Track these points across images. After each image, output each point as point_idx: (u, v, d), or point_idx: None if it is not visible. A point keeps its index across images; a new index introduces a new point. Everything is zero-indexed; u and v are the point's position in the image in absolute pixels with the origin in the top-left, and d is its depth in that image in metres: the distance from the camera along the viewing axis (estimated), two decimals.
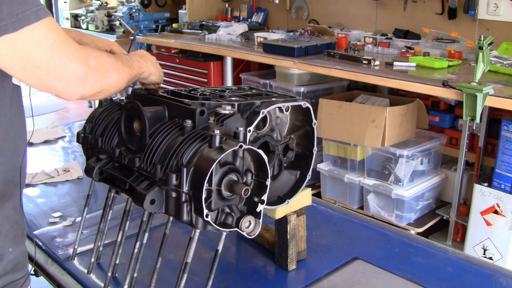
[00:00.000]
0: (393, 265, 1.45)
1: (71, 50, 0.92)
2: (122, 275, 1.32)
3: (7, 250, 1.03)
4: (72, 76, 0.92)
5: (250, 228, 1.12)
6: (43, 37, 0.88)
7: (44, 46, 0.88)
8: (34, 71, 0.88)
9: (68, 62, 0.91)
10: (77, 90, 0.94)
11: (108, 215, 1.36)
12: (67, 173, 2.09)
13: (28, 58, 0.87)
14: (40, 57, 0.88)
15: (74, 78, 0.93)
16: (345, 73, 2.92)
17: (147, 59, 1.24)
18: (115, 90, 1.06)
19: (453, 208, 2.78)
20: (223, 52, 3.69)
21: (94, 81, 0.97)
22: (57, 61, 0.90)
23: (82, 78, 0.94)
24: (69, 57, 0.91)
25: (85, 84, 0.95)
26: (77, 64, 0.93)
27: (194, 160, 1.04)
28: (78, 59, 0.93)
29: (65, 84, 0.92)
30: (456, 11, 3.30)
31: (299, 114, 1.38)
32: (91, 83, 0.96)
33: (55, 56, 0.89)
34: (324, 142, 3.24)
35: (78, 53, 0.93)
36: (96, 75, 0.97)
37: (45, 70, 0.89)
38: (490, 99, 2.31)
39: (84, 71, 0.94)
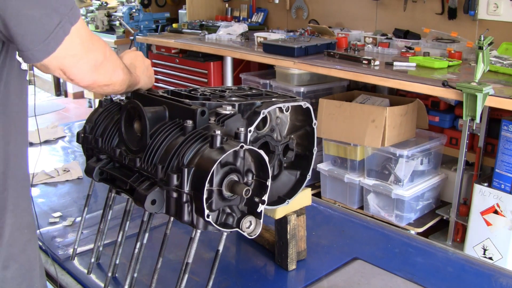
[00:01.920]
0: (393, 265, 1.45)
1: (94, 39, 0.98)
2: (122, 275, 1.32)
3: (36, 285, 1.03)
4: (92, 63, 0.98)
5: (250, 228, 1.12)
6: (79, 29, 0.92)
7: (81, 38, 0.93)
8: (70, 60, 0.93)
9: (93, 49, 0.97)
10: (92, 77, 0.99)
11: (108, 215, 1.36)
12: (67, 173, 2.09)
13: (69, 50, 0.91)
14: (77, 47, 0.93)
15: (93, 66, 0.98)
16: (345, 73, 2.92)
17: (141, 74, 1.27)
18: (118, 89, 1.10)
19: (453, 208, 2.78)
20: (223, 52, 3.69)
21: (106, 71, 1.02)
22: (87, 49, 0.95)
23: (98, 66, 0.99)
24: (95, 45, 0.97)
25: (99, 71, 1.00)
26: (99, 52, 0.99)
27: (195, 160, 1.04)
28: (100, 48, 0.99)
29: (86, 71, 0.97)
30: (456, 11, 3.30)
31: (299, 114, 1.38)
32: (103, 72, 1.01)
33: (86, 44, 0.95)
34: (324, 142, 3.24)
35: (99, 41, 1.00)
36: (108, 66, 1.03)
37: (78, 58, 0.94)
38: (490, 99, 2.31)
39: (102, 59, 1.00)
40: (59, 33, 0.87)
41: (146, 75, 1.28)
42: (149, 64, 1.32)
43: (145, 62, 1.30)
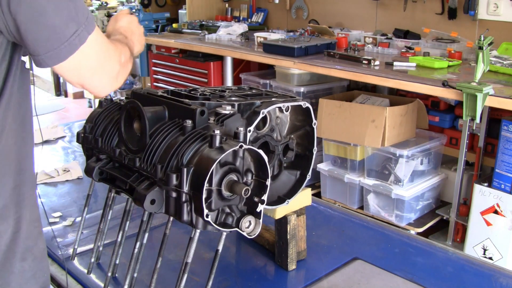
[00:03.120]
0: (393, 265, 1.45)
1: (111, 51, 0.97)
2: (122, 275, 1.32)
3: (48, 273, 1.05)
4: (109, 74, 0.98)
5: (250, 228, 1.12)
6: (95, 40, 0.92)
7: (96, 49, 0.93)
8: (85, 72, 0.93)
9: (109, 60, 0.96)
10: (110, 87, 1.00)
11: (108, 215, 1.36)
12: (67, 173, 2.09)
13: (84, 62, 0.91)
14: (93, 59, 0.93)
15: (111, 77, 0.98)
16: (345, 73, 2.92)
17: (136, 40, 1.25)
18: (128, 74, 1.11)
19: (453, 208, 2.78)
20: (223, 52, 3.69)
21: (122, 77, 1.03)
22: (103, 61, 0.95)
23: (115, 76, 0.99)
24: (110, 56, 0.97)
25: (117, 80, 1.00)
26: (114, 63, 0.98)
27: (195, 160, 1.04)
28: (115, 58, 0.99)
29: (105, 83, 0.98)
30: (456, 11, 3.30)
31: (299, 114, 1.38)
32: (120, 78, 1.02)
33: (101, 56, 0.94)
34: (324, 142, 3.24)
35: (115, 52, 0.99)
36: (123, 71, 1.02)
37: (92, 71, 0.94)
38: (490, 99, 2.31)
39: (118, 69, 1.00)
40: (74, 42, 0.87)
41: (139, 41, 1.28)
42: (142, 32, 1.32)
43: (139, 28, 1.29)
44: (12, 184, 0.95)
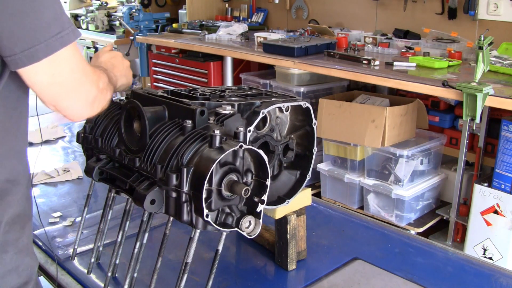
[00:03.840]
0: (393, 265, 1.45)
1: (88, 72, 0.94)
2: (122, 275, 1.32)
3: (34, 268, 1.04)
4: (85, 98, 0.94)
5: (250, 228, 1.12)
6: (72, 55, 0.89)
7: (72, 65, 0.89)
8: (58, 88, 0.89)
9: (85, 83, 0.93)
10: (85, 112, 0.96)
11: (108, 215, 1.36)
12: (67, 173, 2.09)
13: (58, 75, 0.88)
14: (66, 75, 0.89)
15: (86, 101, 0.94)
16: (345, 73, 2.92)
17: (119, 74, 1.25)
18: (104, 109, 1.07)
19: (453, 208, 2.78)
20: (223, 52, 3.69)
21: (99, 103, 0.99)
22: (78, 81, 0.91)
23: (92, 100, 0.96)
24: (87, 78, 0.93)
25: (93, 106, 0.97)
26: (91, 86, 0.95)
27: (194, 160, 1.04)
28: (92, 81, 0.95)
29: (78, 106, 0.94)
30: (456, 11, 3.30)
31: (299, 114, 1.38)
32: (96, 105, 0.98)
33: (77, 75, 0.91)
34: (324, 142, 3.24)
35: (92, 75, 0.96)
36: (101, 98, 0.99)
37: (66, 89, 0.90)
38: (490, 99, 2.31)
39: (95, 93, 0.96)
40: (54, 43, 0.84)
41: (124, 75, 1.27)
42: (128, 65, 1.31)
43: (124, 63, 1.29)
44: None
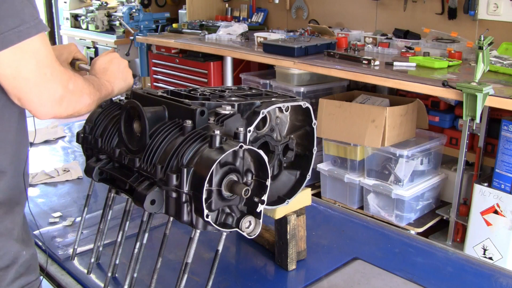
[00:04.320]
0: (393, 265, 1.45)
1: (56, 70, 0.94)
2: (122, 275, 1.32)
3: (21, 253, 1.04)
4: (50, 96, 0.95)
5: (250, 228, 1.12)
6: (38, 49, 0.89)
7: (38, 59, 0.90)
8: (22, 82, 0.90)
9: (51, 80, 0.93)
10: (51, 110, 0.97)
11: (108, 215, 1.36)
12: (67, 173, 2.09)
13: (22, 68, 0.88)
14: (31, 69, 0.89)
15: (52, 98, 0.95)
16: (345, 73, 2.92)
17: (113, 79, 1.26)
18: (85, 112, 1.10)
19: (453, 208, 2.78)
20: (223, 52, 3.69)
21: (69, 104, 1.00)
22: (43, 77, 0.92)
23: (58, 99, 0.96)
24: (53, 75, 0.94)
25: (60, 105, 0.98)
26: (57, 84, 0.95)
27: (195, 160, 1.04)
28: (61, 80, 0.96)
29: (43, 103, 0.95)
30: (456, 11, 3.30)
31: (299, 114, 1.38)
32: (65, 105, 0.99)
33: (43, 71, 0.91)
34: (324, 142, 3.24)
35: (61, 74, 0.96)
36: (71, 98, 1.00)
37: (31, 83, 0.91)
38: (490, 99, 2.31)
39: (62, 93, 0.96)
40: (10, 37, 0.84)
41: (121, 78, 1.28)
42: (125, 66, 1.31)
43: (120, 65, 1.29)
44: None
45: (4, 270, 1.00)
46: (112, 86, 1.25)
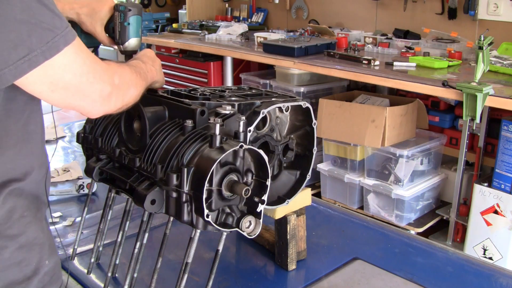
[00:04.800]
0: (393, 265, 1.45)
1: (98, 71, 0.93)
2: (122, 275, 1.32)
3: (43, 262, 1.02)
4: (98, 95, 0.93)
5: (250, 228, 1.12)
6: (72, 61, 0.88)
7: (73, 70, 0.88)
8: (62, 93, 0.89)
9: (95, 83, 0.92)
10: (101, 108, 0.96)
11: (108, 215, 1.36)
12: (67, 173, 2.09)
13: (58, 82, 0.87)
14: (69, 80, 0.88)
15: (99, 98, 0.94)
16: (345, 73, 2.92)
17: (157, 66, 1.24)
18: (132, 103, 1.07)
19: (453, 208, 2.78)
20: (223, 52, 3.69)
21: (117, 98, 0.98)
22: (85, 83, 0.90)
23: (106, 96, 0.95)
24: (96, 78, 0.92)
25: (109, 102, 0.96)
26: (103, 84, 0.94)
27: (195, 160, 1.04)
28: (104, 79, 0.94)
29: (91, 103, 0.94)
30: (456, 11, 3.30)
31: (299, 114, 1.38)
32: (114, 101, 0.97)
33: (84, 78, 0.90)
34: (324, 142, 3.24)
35: (104, 73, 0.94)
36: (119, 93, 0.98)
37: (73, 91, 0.90)
38: (490, 99, 2.31)
39: (109, 90, 0.95)
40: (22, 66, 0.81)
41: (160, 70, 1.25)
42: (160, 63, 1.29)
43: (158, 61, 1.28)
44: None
45: (26, 281, 0.98)
46: (157, 74, 1.22)
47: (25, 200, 0.98)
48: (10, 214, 0.94)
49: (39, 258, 1.00)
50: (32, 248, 0.99)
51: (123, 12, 1.22)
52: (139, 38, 1.28)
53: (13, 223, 0.95)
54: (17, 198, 0.96)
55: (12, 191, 0.94)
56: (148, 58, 1.22)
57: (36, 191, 1.03)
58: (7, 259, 0.95)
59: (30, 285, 0.98)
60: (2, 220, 0.93)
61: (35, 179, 1.01)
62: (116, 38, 1.25)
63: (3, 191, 0.93)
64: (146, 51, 1.26)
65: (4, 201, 0.93)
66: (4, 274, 0.94)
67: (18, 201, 0.96)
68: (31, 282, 0.98)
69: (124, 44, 1.25)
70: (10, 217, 0.94)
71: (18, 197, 0.96)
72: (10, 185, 0.94)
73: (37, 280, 0.99)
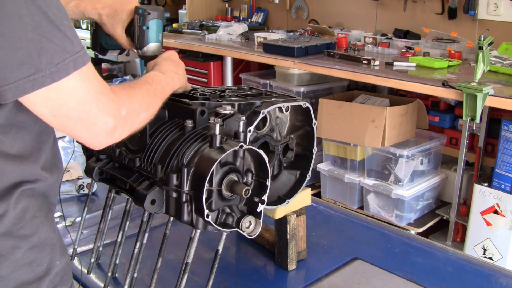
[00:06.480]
0: (393, 265, 1.45)
1: (103, 102, 0.88)
2: (122, 275, 1.32)
3: (55, 263, 1.01)
4: (101, 129, 0.89)
5: (250, 228, 1.12)
6: (78, 87, 0.84)
7: (77, 97, 0.84)
8: (64, 120, 0.86)
9: (98, 115, 0.87)
10: (104, 141, 0.92)
11: (108, 215, 1.36)
12: (67, 173, 2.09)
13: (60, 107, 0.84)
14: (72, 107, 0.84)
15: (103, 131, 0.89)
16: (345, 73, 2.92)
17: (180, 70, 1.19)
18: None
19: (453, 208, 2.78)
20: (223, 52, 3.69)
21: (123, 130, 0.94)
22: (88, 113, 0.86)
23: (110, 130, 0.90)
24: (100, 110, 0.87)
25: (114, 135, 0.92)
26: (107, 117, 0.89)
27: (195, 160, 1.04)
28: (109, 112, 0.89)
29: (93, 136, 0.90)
30: (456, 11, 3.30)
31: (299, 114, 1.38)
32: (119, 133, 0.93)
33: (87, 108, 0.86)
34: (324, 142, 3.24)
35: (110, 105, 0.89)
36: (125, 125, 0.93)
37: (75, 121, 0.86)
38: (490, 99, 2.31)
39: (114, 123, 0.90)
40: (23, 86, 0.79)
41: (184, 75, 1.22)
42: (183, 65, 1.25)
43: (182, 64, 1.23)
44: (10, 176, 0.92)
45: (38, 281, 0.97)
46: (180, 81, 1.17)
47: (37, 201, 0.97)
48: (23, 215, 0.94)
49: (51, 258, 1.00)
50: (43, 248, 0.98)
51: (142, 15, 1.17)
52: (159, 44, 1.22)
53: (25, 223, 0.95)
54: (30, 199, 0.95)
55: (25, 191, 0.94)
56: (170, 64, 1.17)
57: (49, 193, 1.02)
58: (19, 259, 0.94)
59: (41, 285, 0.97)
60: (15, 220, 0.93)
61: (48, 183, 1.01)
62: (135, 42, 1.20)
63: (15, 192, 0.92)
64: (170, 54, 1.22)
65: (17, 201, 0.93)
66: (16, 274, 0.94)
67: (30, 201, 0.96)
68: (43, 282, 0.98)
69: (143, 49, 1.21)
70: (23, 217, 0.94)
71: (30, 197, 0.96)
72: (22, 186, 0.94)
73: (49, 280, 0.99)
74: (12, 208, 0.92)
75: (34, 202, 0.96)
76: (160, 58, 1.20)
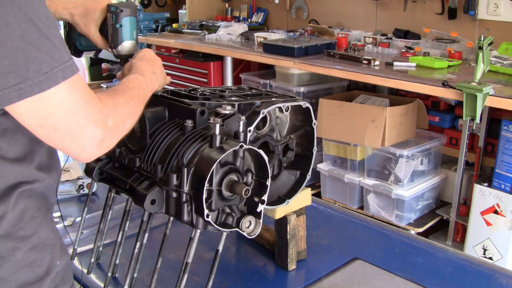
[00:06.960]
0: (393, 265, 1.45)
1: (91, 113, 0.86)
2: (122, 275, 1.32)
3: (55, 262, 1.00)
4: (89, 141, 0.87)
5: (250, 228, 1.12)
6: (66, 97, 0.82)
7: (65, 108, 0.82)
8: (51, 131, 0.84)
9: (86, 126, 0.85)
10: (93, 154, 0.90)
11: (108, 215, 1.36)
12: (67, 173, 2.09)
13: (47, 118, 0.82)
14: (59, 119, 0.82)
15: (92, 142, 0.87)
16: (345, 73, 2.92)
17: (157, 69, 1.18)
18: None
19: (453, 208, 2.78)
20: (223, 52, 3.69)
21: (111, 140, 0.92)
22: (76, 125, 0.84)
23: (99, 141, 0.89)
24: (88, 121, 0.86)
25: (102, 147, 0.90)
26: (95, 128, 0.87)
27: (195, 160, 1.04)
28: (97, 123, 0.87)
29: (81, 149, 0.88)
30: (456, 11, 3.30)
31: (299, 114, 1.38)
32: (107, 144, 0.91)
33: (74, 119, 0.84)
34: (324, 142, 3.24)
35: (97, 116, 0.87)
36: (113, 135, 0.92)
37: (62, 132, 0.84)
38: (490, 99, 2.31)
39: (102, 135, 0.88)
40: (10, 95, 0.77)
41: (162, 74, 1.21)
42: (161, 62, 1.24)
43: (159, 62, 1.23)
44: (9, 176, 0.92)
45: (39, 282, 0.97)
46: (157, 80, 1.15)
47: (35, 201, 0.97)
48: (22, 216, 0.94)
49: (51, 258, 1.00)
50: (44, 248, 0.98)
51: (115, 13, 1.15)
52: (133, 41, 1.20)
53: (25, 224, 0.95)
54: (28, 199, 0.95)
55: (23, 192, 0.94)
56: (147, 64, 1.16)
57: (47, 193, 1.02)
58: (19, 260, 0.94)
59: (42, 285, 0.97)
60: (14, 222, 0.93)
61: (46, 183, 1.01)
62: (109, 41, 1.18)
63: (14, 193, 0.92)
64: (145, 53, 1.20)
65: (15, 202, 0.92)
66: (17, 275, 0.94)
67: (29, 202, 0.95)
68: (44, 282, 0.98)
69: (117, 48, 1.18)
70: (22, 218, 0.94)
71: (29, 198, 0.95)
72: (20, 187, 0.93)
73: (49, 280, 0.99)
74: (11, 210, 0.91)
75: (33, 203, 0.96)
76: (136, 58, 1.18)
